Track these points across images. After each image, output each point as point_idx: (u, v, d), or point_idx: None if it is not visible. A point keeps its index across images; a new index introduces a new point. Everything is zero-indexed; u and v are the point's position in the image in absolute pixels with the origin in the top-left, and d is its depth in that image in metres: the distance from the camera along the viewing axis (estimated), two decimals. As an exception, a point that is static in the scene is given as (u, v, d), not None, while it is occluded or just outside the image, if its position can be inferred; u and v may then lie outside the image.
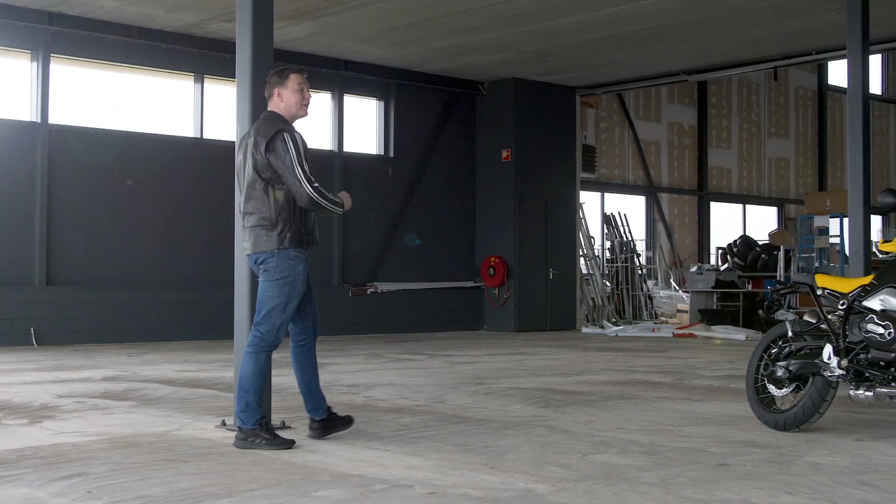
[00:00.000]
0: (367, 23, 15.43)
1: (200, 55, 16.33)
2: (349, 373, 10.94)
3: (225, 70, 15.83)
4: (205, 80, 16.63)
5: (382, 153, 19.02)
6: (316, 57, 17.55)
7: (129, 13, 14.93)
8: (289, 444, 6.18)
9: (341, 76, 18.10)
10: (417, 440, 6.49)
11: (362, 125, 18.91)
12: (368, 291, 18.27)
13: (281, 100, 6.44)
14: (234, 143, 7.19)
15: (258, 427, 6.19)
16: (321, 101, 18.30)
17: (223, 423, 6.98)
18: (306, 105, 6.51)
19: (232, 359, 7.16)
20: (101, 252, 15.43)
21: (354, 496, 4.87)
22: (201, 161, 16.36)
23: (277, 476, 5.34)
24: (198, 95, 16.60)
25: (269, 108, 6.51)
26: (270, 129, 6.29)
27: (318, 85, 18.03)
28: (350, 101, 18.56)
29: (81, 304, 15.07)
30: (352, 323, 17.85)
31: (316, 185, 6.19)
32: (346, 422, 6.61)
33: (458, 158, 19.82)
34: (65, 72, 15.47)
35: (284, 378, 10.09)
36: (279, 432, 6.70)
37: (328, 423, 6.54)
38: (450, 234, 19.62)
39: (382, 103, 19.05)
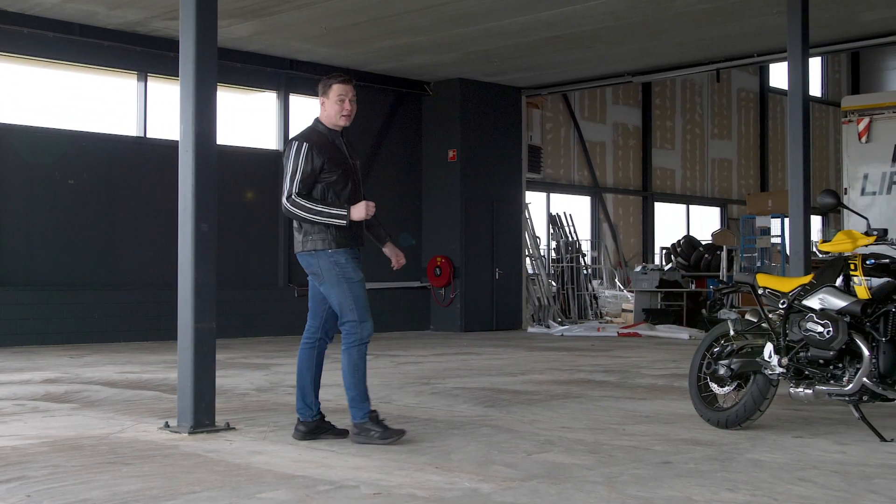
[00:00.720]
0: (312, 22, 15.37)
1: (144, 53, 16.16)
2: (294, 374, 10.84)
3: (169, 68, 15.68)
4: (148, 78, 16.46)
5: (328, 153, 18.92)
6: (261, 56, 17.45)
7: (71, 10, 14.74)
8: (399, 434, 6.26)
9: (287, 75, 18.01)
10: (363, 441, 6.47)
11: (308, 125, 18.78)
12: (314, 292, 18.16)
13: (324, 108, 6.58)
14: (177, 142, 7.14)
15: (367, 420, 6.29)
16: (266, 101, 18.20)
17: (166, 425, 6.91)
18: (346, 115, 6.54)
19: (175, 360, 7.08)
20: (43, 252, 15.21)
21: (299, 497, 4.85)
22: (145, 161, 16.19)
23: (221, 478, 5.30)
24: (141, 94, 16.43)
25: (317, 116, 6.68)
26: (293, 138, 6.51)
27: (264, 84, 17.94)
28: (296, 100, 18.46)
29: (22, 305, 14.84)
30: (298, 323, 17.52)
31: (294, 197, 6.31)
32: (339, 433, 6.54)
33: (405, 158, 19.81)
34: (4, 70, 15.23)
35: (228, 379, 10.04)
36: (222, 433, 6.68)
37: (313, 427, 6.51)
38: (396, 234, 19.56)
39: (328, 103, 18.95)
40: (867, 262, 6.29)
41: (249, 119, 18.05)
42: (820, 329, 6.26)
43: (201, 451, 6.07)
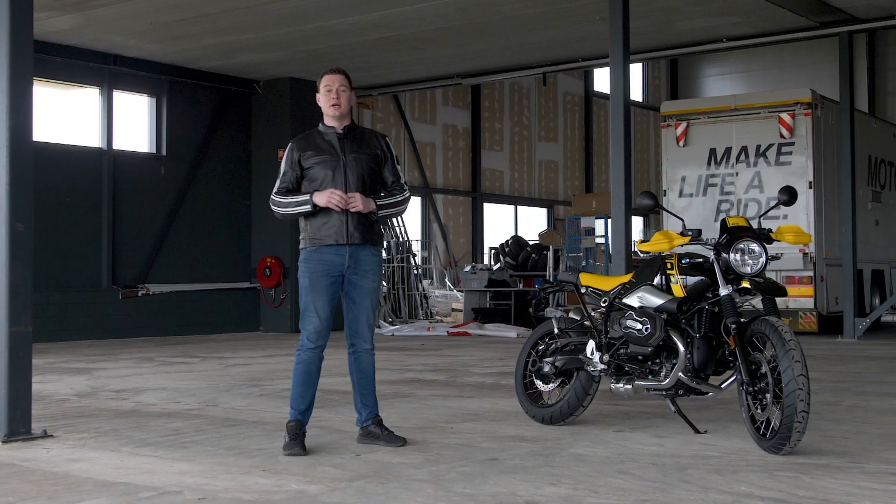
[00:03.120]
0: (137, 17, 14.96)
1: (-45, 45, 15.40)
2: (118, 378, 10.58)
3: (-18, 61, 14.99)
4: (-40, 71, 15.70)
5: (154, 151, 18.49)
6: (82, 50, 16.89)
7: None
8: (294, 453, 5.98)
9: (110, 71, 17.49)
10: (188, 445, 6.35)
11: (133, 122, 18.33)
12: (140, 293, 17.73)
13: (319, 104, 6.40)
14: (-10, 138, 6.85)
15: (287, 425, 6.19)
16: (89, 97, 17.62)
17: (-22, 434, 6.62)
18: (334, 105, 6.30)
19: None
20: None
21: (120, 505, 4.72)
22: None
23: (37, 488, 5.11)
24: (-48, 87, 15.65)
25: None
26: None
27: (86, 80, 17.37)
28: (120, 97, 17.95)
29: None
30: (122, 326, 17.26)
31: (273, 195, 6.29)
32: (390, 440, 6.25)
33: (234, 157, 19.51)
34: None
35: (47, 385, 9.70)
36: (39, 441, 6.45)
37: (364, 433, 6.38)
38: (225, 234, 19.28)
39: (154, 100, 18.52)
40: (683, 262, 6.53)
41: (70, 115, 17.44)
42: (639, 326, 6.46)
43: (16, 461, 5.84)
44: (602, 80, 29.92)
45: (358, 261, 6.25)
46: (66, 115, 17.36)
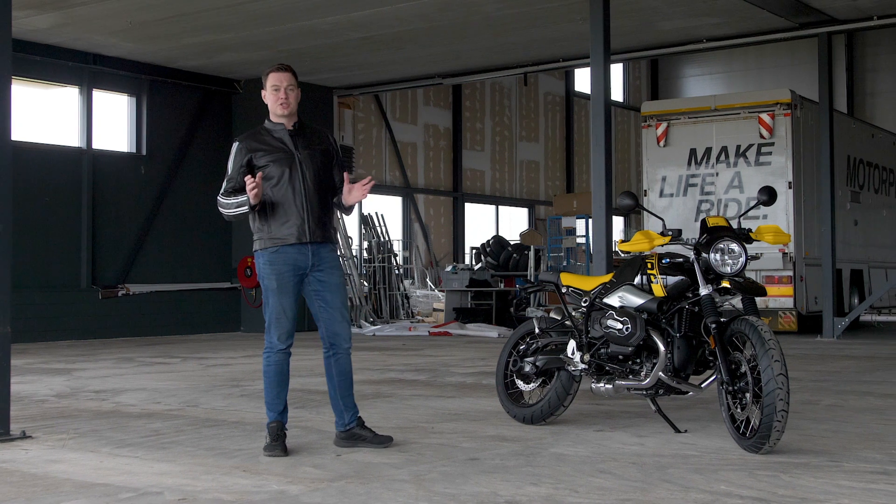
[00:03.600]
0: (117, 15, 14.90)
1: (-67, 43, 15.31)
2: (98, 378, 10.54)
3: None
4: (-62, 70, 15.60)
5: (135, 151, 18.42)
6: (62, 49, 16.79)
7: None
8: (278, 453, 5.89)
9: (90, 70, 17.40)
10: (168, 445, 6.33)
11: (113, 122, 18.25)
12: (120, 293, 17.65)
13: (266, 101, 6.35)
14: (-32, 138, 6.81)
15: (267, 427, 6.07)
16: (68, 96, 17.54)
17: (-44, 436, 6.58)
18: (283, 104, 6.29)
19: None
20: None
21: (100, 506, 4.70)
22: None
23: (15, 489, 5.08)
24: (-70, 86, 15.55)
25: None
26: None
27: (65, 79, 17.29)
28: (100, 96, 17.87)
29: None
30: (102, 326, 17.18)
31: (219, 196, 6.28)
32: (377, 440, 6.16)
33: (214, 157, 19.37)
34: None
35: (26, 385, 9.65)
36: (18, 442, 6.41)
37: (347, 435, 6.23)
38: (205, 234, 19.21)
39: (134, 99, 18.45)
40: (663, 262, 6.54)
41: (50, 114, 17.36)
42: (619, 326, 6.47)
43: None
44: (583, 80, 29.97)
45: (321, 258, 6.21)
46: (45, 114, 17.28)
